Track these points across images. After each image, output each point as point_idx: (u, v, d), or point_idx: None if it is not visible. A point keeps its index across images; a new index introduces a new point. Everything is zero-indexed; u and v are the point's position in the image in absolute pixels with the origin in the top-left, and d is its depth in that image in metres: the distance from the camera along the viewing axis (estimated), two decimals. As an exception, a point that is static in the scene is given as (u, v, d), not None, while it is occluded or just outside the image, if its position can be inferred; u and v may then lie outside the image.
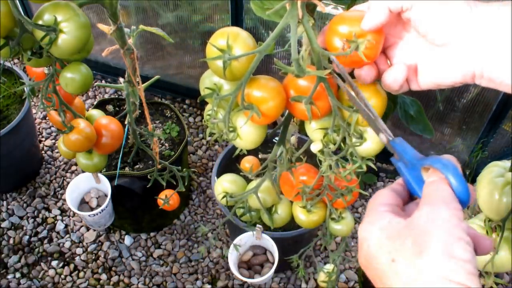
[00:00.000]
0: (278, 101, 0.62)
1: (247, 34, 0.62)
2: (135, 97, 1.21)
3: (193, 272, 1.75)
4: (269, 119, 0.63)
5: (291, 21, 0.59)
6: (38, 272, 1.74)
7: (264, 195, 0.86)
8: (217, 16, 1.79)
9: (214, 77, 0.66)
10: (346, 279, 1.74)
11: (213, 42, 0.61)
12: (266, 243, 1.35)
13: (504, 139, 1.71)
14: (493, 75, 0.49)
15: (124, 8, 1.86)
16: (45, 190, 1.93)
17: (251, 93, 0.62)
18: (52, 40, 0.72)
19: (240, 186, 0.90)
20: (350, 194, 0.80)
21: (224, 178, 0.91)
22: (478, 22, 0.49)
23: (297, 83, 0.63)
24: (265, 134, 0.70)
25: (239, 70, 0.61)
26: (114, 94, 2.18)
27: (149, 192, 1.38)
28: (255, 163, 1.08)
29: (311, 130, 0.70)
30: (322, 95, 0.62)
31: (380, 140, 0.55)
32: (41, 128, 2.10)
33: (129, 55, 1.08)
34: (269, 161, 0.80)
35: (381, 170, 2.00)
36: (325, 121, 0.68)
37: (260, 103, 0.62)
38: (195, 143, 2.07)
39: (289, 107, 0.65)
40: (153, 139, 1.34)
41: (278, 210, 0.92)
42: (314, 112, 0.63)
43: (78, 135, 1.07)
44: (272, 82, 0.63)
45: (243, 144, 0.69)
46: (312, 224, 0.90)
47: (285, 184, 0.85)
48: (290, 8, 0.58)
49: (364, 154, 0.69)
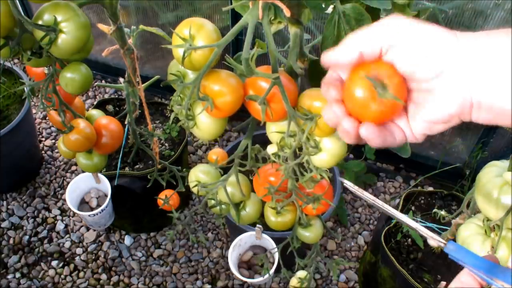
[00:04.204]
0: (234, 97, 0.62)
1: (213, 27, 0.62)
2: (135, 97, 1.21)
3: (193, 272, 1.75)
4: (224, 113, 0.64)
5: (249, 20, 0.59)
6: (38, 272, 1.74)
7: (232, 190, 0.84)
8: (217, 16, 1.80)
9: (180, 65, 0.67)
10: (346, 279, 1.74)
11: (178, 31, 0.61)
12: (266, 243, 1.35)
13: (504, 139, 1.71)
14: (491, 100, 0.45)
15: (124, 8, 1.86)
16: (45, 190, 1.93)
17: (208, 85, 0.62)
18: (52, 40, 0.72)
19: (214, 177, 0.89)
20: (318, 202, 0.78)
21: (199, 168, 0.90)
22: (468, 49, 0.45)
23: (257, 82, 0.63)
24: (224, 127, 0.70)
25: (198, 62, 0.61)
26: (114, 94, 2.18)
27: (149, 192, 1.38)
28: (221, 156, 1.07)
29: (269, 132, 0.71)
30: (278, 98, 0.62)
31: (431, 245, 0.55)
32: (41, 128, 2.10)
33: (129, 55, 1.08)
34: (235, 156, 0.80)
35: (381, 170, 2.00)
36: (283, 125, 0.68)
37: (216, 96, 0.62)
38: (195, 143, 2.07)
39: (247, 105, 0.66)
40: (153, 139, 1.34)
41: (247, 207, 0.90)
42: (267, 114, 0.63)
43: (78, 135, 1.07)
44: (231, 77, 0.63)
45: (200, 134, 0.70)
46: (281, 226, 0.88)
47: (256, 182, 0.84)
48: (252, 7, 0.58)
49: (319, 165, 0.69)
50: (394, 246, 1.40)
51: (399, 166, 2.01)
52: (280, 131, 0.69)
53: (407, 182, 1.98)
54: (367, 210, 1.90)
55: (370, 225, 1.87)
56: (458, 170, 1.83)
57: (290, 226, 0.89)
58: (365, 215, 1.89)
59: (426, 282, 1.33)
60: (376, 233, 1.58)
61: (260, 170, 0.80)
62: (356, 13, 0.69)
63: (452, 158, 1.86)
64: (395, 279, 1.39)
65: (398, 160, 1.99)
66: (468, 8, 1.48)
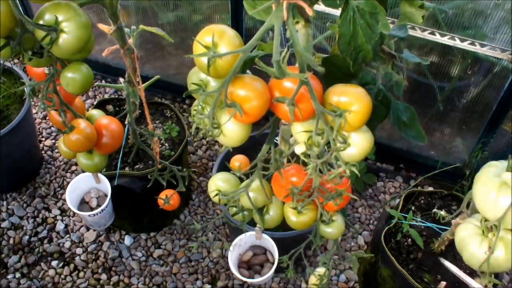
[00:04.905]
0: (262, 101, 0.62)
1: (234, 32, 0.62)
2: (135, 97, 1.21)
3: (193, 272, 1.75)
4: (252, 118, 0.64)
5: (275, 22, 0.59)
6: (38, 272, 1.74)
7: (255, 195, 0.85)
8: (217, 16, 1.80)
9: (201, 74, 0.66)
10: (346, 279, 1.74)
11: (199, 39, 0.61)
12: (266, 243, 1.35)
13: (504, 139, 1.71)
14: None
15: (124, 8, 1.86)
16: (45, 190, 1.93)
17: (234, 92, 0.62)
18: (53, 40, 0.72)
19: (234, 185, 0.89)
20: (340, 198, 0.79)
21: (218, 176, 0.90)
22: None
23: (282, 84, 0.63)
24: (249, 133, 0.70)
25: (223, 68, 0.61)
26: (114, 94, 2.18)
27: (149, 192, 1.38)
28: (244, 162, 1.08)
29: (295, 132, 0.71)
30: (306, 97, 0.62)
31: None
32: (41, 128, 2.10)
33: (129, 55, 1.08)
34: (257, 161, 0.80)
35: (381, 170, 2.00)
36: (309, 124, 0.68)
37: (244, 102, 0.62)
38: (195, 143, 2.07)
39: (273, 108, 0.66)
40: (153, 139, 1.34)
41: (270, 211, 0.91)
42: (296, 114, 0.63)
43: (78, 135, 1.07)
44: (256, 82, 0.63)
45: (226, 141, 0.70)
46: (302, 225, 0.89)
47: (276, 184, 0.84)
48: (275, 9, 0.58)
49: (348, 159, 0.70)
50: (394, 246, 1.40)
51: (399, 166, 2.01)
52: (308, 130, 0.69)
53: (407, 182, 1.98)
54: (367, 210, 1.90)
55: (370, 225, 1.87)
56: (458, 170, 1.83)
57: (311, 224, 0.90)
58: (365, 215, 1.89)
59: (426, 282, 1.33)
60: (376, 233, 1.58)
61: (282, 172, 0.80)
62: (370, 6, 0.68)
63: (452, 158, 1.86)
64: (395, 279, 1.39)
65: (398, 160, 1.99)
66: (468, 8, 1.48)
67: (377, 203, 1.93)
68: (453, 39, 1.48)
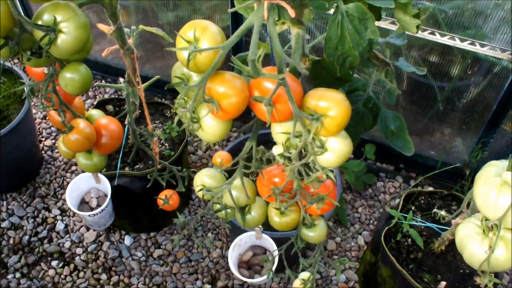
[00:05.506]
0: (240, 98, 0.62)
1: (217, 29, 0.62)
2: (135, 97, 1.21)
3: (193, 272, 1.75)
4: (230, 115, 0.64)
5: (255, 21, 0.59)
6: (38, 272, 1.74)
7: (238, 193, 0.84)
8: (217, 16, 1.80)
9: (184, 68, 0.66)
10: (346, 279, 1.74)
11: (182, 33, 0.61)
12: (266, 243, 1.35)
13: (504, 139, 1.71)
14: None
15: (124, 8, 1.86)
16: (45, 190, 1.93)
17: (213, 87, 0.62)
18: (51, 40, 0.72)
19: (219, 181, 0.88)
20: (322, 202, 0.78)
21: (204, 172, 0.89)
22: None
23: (262, 84, 0.63)
24: (229, 129, 0.70)
25: (203, 63, 0.61)
26: (114, 94, 2.18)
27: (149, 192, 1.38)
28: (226, 158, 1.07)
29: (275, 133, 0.70)
30: (283, 99, 0.62)
31: None
32: (41, 128, 2.10)
33: (129, 55, 1.08)
34: (239, 158, 0.79)
35: (381, 170, 2.00)
36: (289, 125, 0.68)
37: (221, 98, 0.62)
38: (195, 143, 2.07)
39: (253, 107, 0.65)
40: (153, 139, 1.34)
41: (252, 211, 0.89)
42: (273, 115, 0.63)
43: (78, 135, 1.07)
44: (236, 79, 0.63)
45: (205, 136, 0.70)
46: (285, 226, 0.88)
47: (260, 183, 0.83)
48: (256, 8, 0.58)
49: (325, 164, 0.69)
50: (394, 246, 1.40)
51: (399, 166, 2.01)
52: (286, 132, 0.69)
53: (407, 182, 1.98)
54: (367, 210, 1.90)
55: (370, 225, 1.87)
56: (458, 170, 1.83)
57: (294, 226, 0.89)
58: (365, 215, 1.89)
59: (426, 282, 1.33)
60: (376, 233, 1.58)
61: (265, 172, 0.80)
62: (359, 12, 0.69)
63: (452, 158, 1.86)
64: (395, 279, 1.39)
65: (398, 160, 1.99)
66: (468, 8, 1.48)
67: (377, 203, 1.93)
68: (453, 39, 1.48)
